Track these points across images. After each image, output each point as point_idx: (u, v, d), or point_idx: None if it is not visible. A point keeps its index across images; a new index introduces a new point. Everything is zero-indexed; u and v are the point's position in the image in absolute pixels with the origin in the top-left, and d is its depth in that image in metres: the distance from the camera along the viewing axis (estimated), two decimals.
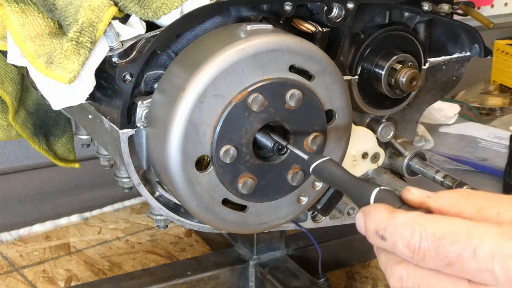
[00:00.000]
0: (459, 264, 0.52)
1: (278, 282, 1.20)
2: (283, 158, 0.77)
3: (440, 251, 0.52)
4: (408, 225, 0.53)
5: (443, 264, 0.52)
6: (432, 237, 0.52)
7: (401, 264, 0.55)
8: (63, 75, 0.75)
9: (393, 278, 0.55)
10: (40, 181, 1.56)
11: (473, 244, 0.51)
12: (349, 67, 0.92)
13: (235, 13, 0.82)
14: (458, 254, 0.51)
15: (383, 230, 0.54)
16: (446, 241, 0.52)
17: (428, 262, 0.53)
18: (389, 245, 0.55)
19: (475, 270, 0.51)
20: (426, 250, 0.52)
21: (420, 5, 0.93)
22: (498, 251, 0.50)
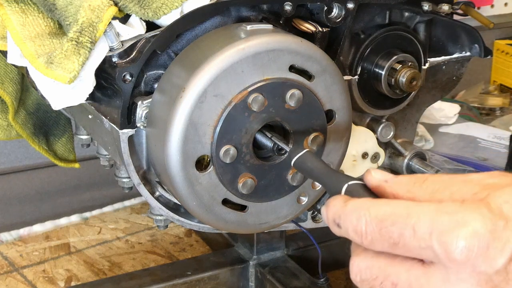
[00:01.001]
0: (402, 244, 0.53)
1: (278, 282, 1.20)
2: (283, 158, 0.77)
3: (384, 233, 0.53)
4: (355, 210, 0.55)
5: (389, 245, 0.53)
6: (375, 220, 0.53)
7: (358, 256, 0.56)
8: (63, 75, 0.75)
9: (352, 271, 0.56)
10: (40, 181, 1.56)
11: (411, 223, 0.52)
12: (349, 67, 0.92)
13: (235, 13, 0.82)
14: (399, 233, 0.53)
15: (338, 218, 0.56)
16: (387, 222, 0.53)
17: (377, 245, 0.54)
18: (344, 233, 0.56)
19: (417, 248, 0.52)
20: (372, 233, 0.54)
21: (420, 5, 0.93)
22: (434, 227, 0.51)
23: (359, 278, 0.56)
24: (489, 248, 0.50)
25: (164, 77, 0.78)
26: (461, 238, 0.50)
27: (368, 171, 0.59)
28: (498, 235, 0.50)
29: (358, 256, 0.56)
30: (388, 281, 0.54)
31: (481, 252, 0.50)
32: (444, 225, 0.51)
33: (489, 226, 0.51)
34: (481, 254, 0.50)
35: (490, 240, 0.50)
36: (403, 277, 0.54)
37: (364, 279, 0.56)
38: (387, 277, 0.54)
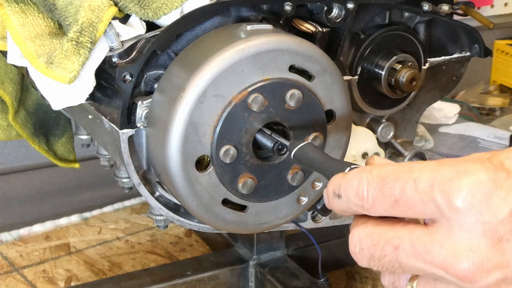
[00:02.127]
0: (403, 200, 0.52)
1: (278, 282, 1.20)
2: (283, 158, 0.77)
3: (386, 191, 0.53)
4: (356, 174, 0.54)
5: (390, 204, 0.53)
6: (376, 178, 0.53)
7: (358, 227, 0.55)
8: (63, 75, 0.75)
9: (351, 242, 0.55)
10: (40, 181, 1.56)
11: (413, 176, 0.52)
12: (349, 67, 0.92)
13: (235, 13, 0.82)
14: (401, 189, 0.52)
15: (338, 188, 0.56)
16: (389, 178, 0.53)
17: (378, 207, 0.53)
18: (344, 202, 0.55)
19: (419, 203, 0.52)
20: (374, 193, 0.53)
21: (420, 5, 0.93)
22: (436, 178, 0.51)
23: (358, 248, 0.55)
24: (492, 196, 0.50)
25: (164, 77, 0.78)
26: (463, 186, 0.50)
27: (371, 157, 0.60)
28: (501, 184, 0.50)
29: (358, 227, 0.55)
30: (389, 245, 0.53)
31: (484, 200, 0.50)
32: (446, 175, 0.51)
33: (491, 175, 0.50)
34: (484, 203, 0.50)
35: (493, 188, 0.50)
36: (405, 239, 0.53)
37: (363, 248, 0.54)
38: (388, 241, 0.53)
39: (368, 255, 0.54)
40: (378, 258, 0.54)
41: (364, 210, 0.55)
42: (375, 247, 0.54)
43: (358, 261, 0.55)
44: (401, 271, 0.53)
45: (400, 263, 0.53)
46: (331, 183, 0.57)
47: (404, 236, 0.53)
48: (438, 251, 0.51)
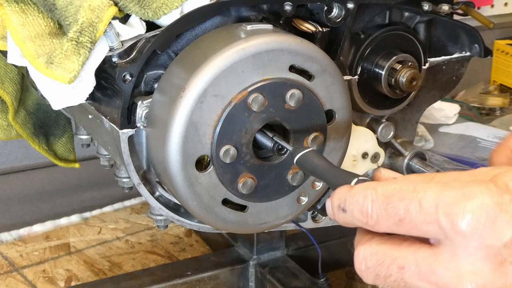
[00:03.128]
0: (408, 220, 0.52)
1: (278, 282, 1.20)
2: (283, 158, 0.77)
3: (390, 210, 0.53)
4: (362, 190, 0.55)
5: (395, 223, 0.53)
6: (381, 197, 0.53)
7: (363, 245, 0.56)
8: (63, 75, 0.75)
9: (356, 260, 0.56)
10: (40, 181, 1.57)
11: (418, 197, 0.52)
12: (349, 67, 0.92)
13: (235, 13, 0.82)
14: (405, 209, 0.52)
15: (343, 202, 0.56)
16: (394, 198, 0.53)
17: (382, 224, 0.54)
18: (349, 216, 0.56)
19: (423, 224, 0.52)
20: (378, 211, 0.53)
21: (420, 5, 0.93)
22: (440, 200, 0.51)
23: (363, 266, 0.55)
24: (496, 220, 0.50)
25: (164, 77, 0.78)
26: (468, 210, 0.50)
27: (378, 169, 0.60)
28: (505, 208, 0.50)
29: (363, 245, 0.56)
30: (394, 265, 0.54)
31: (488, 224, 0.50)
32: (451, 198, 0.51)
33: (496, 199, 0.50)
34: (488, 226, 0.50)
35: (497, 212, 0.50)
36: (410, 259, 0.53)
37: (369, 266, 0.55)
38: (393, 261, 0.54)
39: (373, 274, 0.55)
40: (383, 277, 0.54)
41: (368, 227, 0.55)
42: (381, 267, 0.54)
43: (364, 278, 0.56)
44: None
45: (406, 283, 0.53)
46: (336, 196, 0.57)
47: (409, 256, 0.53)
48: (442, 273, 0.52)
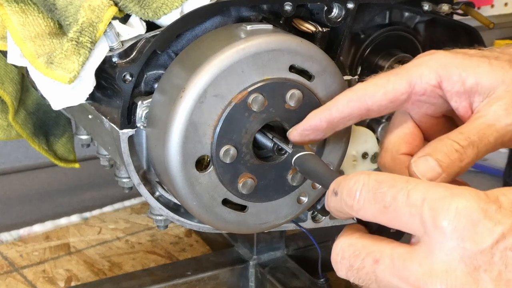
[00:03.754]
0: (392, 208, 0.52)
1: (278, 282, 1.20)
2: (283, 158, 0.77)
3: (378, 195, 0.53)
4: (356, 175, 0.55)
5: (379, 210, 0.53)
6: (373, 182, 0.54)
7: (343, 237, 0.56)
8: (63, 75, 0.75)
9: (334, 251, 0.56)
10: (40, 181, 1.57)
11: (408, 187, 0.52)
12: (349, 67, 0.92)
13: (235, 13, 0.82)
14: (393, 197, 0.52)
15: (337, 185, 0.56)
16: (385, 184, 0.53)
17: (367, 210, 0.54)
18: (338, 199, 0.56)
19: (406, 215, 0.52)
20: (366, 196, 0.54)
21: (420, 5, 0.93)
22: (428, 194, 0.51)
23: (340, 256, 0.55)
24: (478, 224, 0.50)
25: (164, 77, 0.78)
26: (453, 207, 0.50)
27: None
28: (490, 215, 0.50)
29: (343, 237, 0.56)
30: (370, 257, 0.53)
31: (469, 226, 0.50)
32: (439, 194, 0.51)
33: (482, 205, 0.50)
34: (469, 229, 0.50)
35: (481, 217, 0.50)
36: (386, 253, 0.53)
37: (344, 256, 0.55)
38: (369, 253, 0.54)
39: (347, 265, 0.55)
40: (356, 269, 0.54)
41: (353, 211, 0.55)
42: (356, 258, 0.54)
43: (337, 270, 0.56)
44: (376, 285, 0.53)
45: (376, 277, 0.53)
46: (334, 182, 0.57)
47: (386, 251, 0.53)
48: (415, 268, 0.51)
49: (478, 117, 0.62)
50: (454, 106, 0.66)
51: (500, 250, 0.50)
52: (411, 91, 0.66)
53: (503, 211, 0.51)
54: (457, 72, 0.64)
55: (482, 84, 0.64)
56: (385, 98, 0.66)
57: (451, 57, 0.65)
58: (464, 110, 0.65)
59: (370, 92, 0.67)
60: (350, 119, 0.69)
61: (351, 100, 0.68)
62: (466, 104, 0.65)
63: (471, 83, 0.64)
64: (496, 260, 0.50)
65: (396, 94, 0.66)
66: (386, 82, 0.66)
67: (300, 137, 0.71)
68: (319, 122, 0.69)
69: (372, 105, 0.67)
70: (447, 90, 0.65)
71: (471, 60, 0.65)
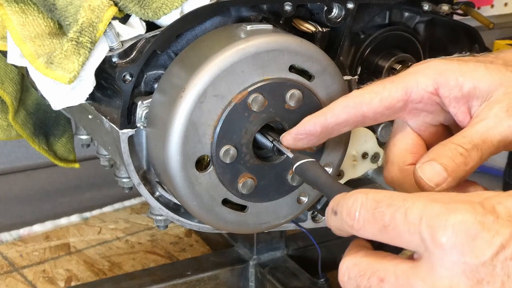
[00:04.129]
0: (392, 227, 0.53)
1: (278, 282, 1.20)
2: (283, 158, 0.77)
3: (377, 215, 0.53)
4: (354, 194, 0.55)
5: (379, 229, 0.53)
6: (371, 202, 0.54)
7: (348, 257, 0.56)
8: (63, 75, 0.75)
9: (340, 271, 0.56)
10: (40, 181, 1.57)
11: (405, 206, 0.53)
12: (349, 67, 0.92)
13: (235, 13, 0.82)
14: (391, 216, 0.53)
15: (336, 205, 0.57)
16: (383, 203, 0.54)
17: (367, 229, 0.54)
18: (338, 219, 0.56)
19: (406, 234, 0.52)
20: (365, 216, 0.54)
21: (420, 5, 0.93)
22: (426, 212, 0.52)
23: (346, 277, 0.56)
24: (477, 238, 0.50)
25: (164, 77, 0.78)
26: (450, 224, 0.51)
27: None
28: (487, 227, 0.50)
29: (348, 257, 0.57)
30: (375, 276, 0.54)
31: (468, 240, 0.50)
32: (435, 211, 0.52)
33: (479, 218, 0.51)
34: (468, 243, 0.50)
35: (479, 230, 0.50)
36: (390, 271, 0.53)
37: (351, 277, 0.55)
38: (374, 272, 0.54)
39: (354, 285, 0.55)
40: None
41: (353, 231, 0.55)
42: (362, 278, 0.55)
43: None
44: None
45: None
46: (332, 201, 0.58)
47: (390, 269, 0.54)
48: (419, 285, 0.52)
49: (479, 121, 0.62)
50: (452, 112, 0.66)
51: (501, 261, 0.50)
52: (408, 98, 0.66)
53: (501, 221, 0.51)
54: (454, 77, 0.65)
55: (480, 87, 0.64)
56: (381, 105, 0.66)
57: (446, 64, 0.66)
58: (463, 116, 0.66)
59: (366, 99, 0.67)
60: (345, 125, 0.69)
61: (346, 107, 0.68)
62: (464, 109, 0.65)
63: (469, 87, 0.64)
64: (498, 271, 0.50)
65: (392, 101, 0.66)
66: (382, 89, 0.66)
67: (293, 141, 0.71)
68: (313, 127, 0.69)
69: (367, 112, 0.67)
70: (444, 96, 0.65)
71: (467, 65, 0.65)
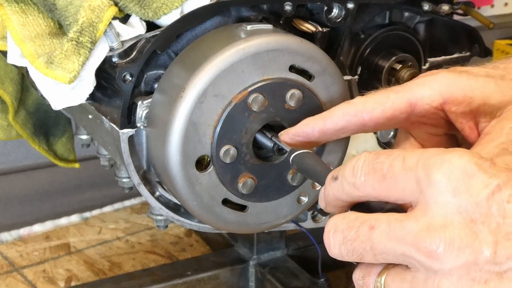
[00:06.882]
0: (389, 175, 0.52)
1: (278, 282, 1.20)
2: (283, 158, 0.77)
3: (376, 165, 0.53)
4: (358, 155, 0.55)
5: (378, 179, 0.53)
6: (373, 155, 0.54)
7: (336, 215, 0.55)
8: (63, 75, 0.75)
9: (326, 227, 0.54)
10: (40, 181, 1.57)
11: (403, 154, 0.52)
12: (349, 67, 0.92)
13: (235, 13, 0.82)
14: (390, 164, 0.52)
15: (337, 171, 0.56)
16: (383, 154, 0.53)
17: (368, 183, 0.53)
18: (339, 183, 0.55)
19: (403, 179, 0.52)
20: (366, 169, 0.53)
21: (420, 5, 0.93)
22: (423, 155, 0.51)
23: (332, 231, 0.54)
24: (473, 177, 0.49)
25: (164, 77, 0.78)
26: (445, 161, 0.50)
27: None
28: (484, 169, 0.50)
29: (336, 216, 0.55)
30: (365, 225, 0.52)
31: (463, 178, 0.50)
32: (432, 153, 0.51)
33: (476, 160, 0.50)
34: (464, 181, 0.50)
35: (475, 170, 0.50)
36: (383, 219, 0.52)
37: (337, 230, 0.53)
38: (364, 222, 0.52)
39: (341, 237, 0.53)
40: (350, 240, 0.53)
41: (355, 189, 0.54)
42: (350, 229, 0.53)
43: (329, 247, 0.54)
44: (372, 255, 0.52)
45: (372, 244, 0.52)
46: (332, 172, 0.57)
47: (382, 217, 0.52)
48: (412, 226, 0.50)
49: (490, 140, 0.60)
50: (459, 127, 0.64)
51: (497, 202, 0.49)
52: (411, 111, 0.64)
53: (497, 168, 0.50)
54: (462, 93, 0.63)
55: (489, 104, 0.62)
56: (383, 116, 0.65)
57: (455, 78, 0.64)
58: (469, 131, 0.64)
59: (368, 108, 0.65)
60: (344, 132, 0.68)
61: (347, 114, 0.67)
62: (471, 125, 0.64)
63: (478, 104, 0.63)
64: (493, 212, 0.49)
65: (395, 112, 0.65)
66: (385, 99, 0.65)
67: (290, 140, 0.70)
68: (311, 131, 0.69)
69: (368, 121, 0.66)
70: (451, 111, 0.64)
71: (477, 81, 0.63)
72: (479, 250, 0.49)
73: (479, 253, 0.49)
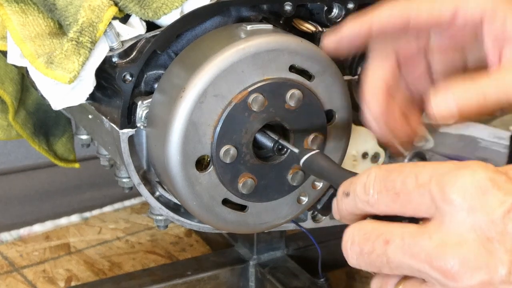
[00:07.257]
0: (403, 193, 0.52)
1: (278, 282, 1.20)
2: (283, 158, 0.77)
3: (388, 184, 0.52)
4: (367, 170, 0.54)
5: (392, 198, 0.52)
6: (383, 172, 0.53)
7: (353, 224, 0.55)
8: (63, 75, 0.75)
9: (344, 238, 0.54)
10: (40, 181, 1.57)
11: (415, 171, 0.52)
12: (349, 67, 0.92)
13: (235, 13, 0.82)
14: (402, 182, 0.52)
15: (348, 186, 0.56)
16: (394, 171, 0.53)
17: (381, 202, 0.53)
18: (351, 199, 0.55)
19: (417, 196, 0.51)
20: (378, 187, 0.53)
21: None
22: (435, 171, 0.51)
23: (349, 242, 0.54)
24: (487, 194, 0.49)
25: (164, 77, 0.78)
26: (459, 178, 0.50)
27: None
28: (498, 185, 0.49)
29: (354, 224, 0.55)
30: (380, 239, 0.52)
31: (478, 195, 0.49)
32: (446, 169, 0.51)
33: (490, 175, 0.50)
34: (479, 198, 0.49)
35: (489, 186, 0.49)
36: (397, 233, 0.52)
37: (354, 241, 0.53)
38: (379, 235, 0.52)
39: (358, 250, 0.53)
40: (367, 253, 0.53)
41: (369, 206, 0.54)
42: (366, 241, 0.53)
43: (347, 257, 0.54)
44: (388, 268, 0.52)
45: (388, 258, 0.52)
46: (342, 185, 0.57)
47: (396, 231, 0.52)
48: (426, 243, 0.50)
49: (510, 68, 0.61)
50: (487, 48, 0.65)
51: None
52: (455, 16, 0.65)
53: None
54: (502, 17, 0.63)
55: None
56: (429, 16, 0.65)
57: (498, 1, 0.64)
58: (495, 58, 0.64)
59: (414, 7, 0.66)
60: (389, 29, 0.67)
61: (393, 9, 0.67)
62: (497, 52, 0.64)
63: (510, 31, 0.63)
64: (509, 230, 0.48)
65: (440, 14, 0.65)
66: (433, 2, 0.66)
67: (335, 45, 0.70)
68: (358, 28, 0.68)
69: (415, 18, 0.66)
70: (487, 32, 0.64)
71: None
72: (494, 270, 0.48)
73: (494, 272, 0.48)
